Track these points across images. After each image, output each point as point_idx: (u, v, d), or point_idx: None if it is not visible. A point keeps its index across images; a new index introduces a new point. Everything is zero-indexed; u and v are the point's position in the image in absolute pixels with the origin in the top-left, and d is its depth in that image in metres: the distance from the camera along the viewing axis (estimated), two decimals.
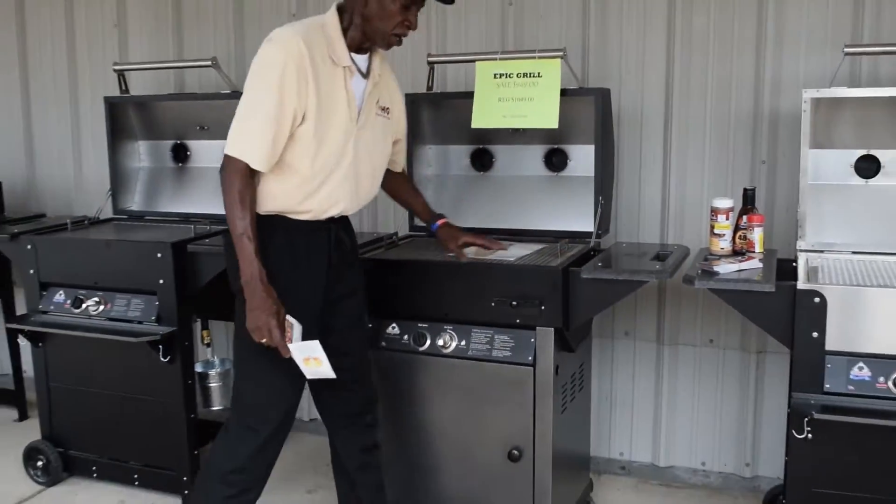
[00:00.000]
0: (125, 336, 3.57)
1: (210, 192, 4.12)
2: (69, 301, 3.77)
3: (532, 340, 2.99)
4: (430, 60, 3.64)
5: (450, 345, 3.10)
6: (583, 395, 3.50)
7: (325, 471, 4.01)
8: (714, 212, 3.10)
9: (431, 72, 3.63)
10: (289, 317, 2.56)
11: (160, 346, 3.55)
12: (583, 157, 3.56)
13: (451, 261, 3.15)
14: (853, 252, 3.10)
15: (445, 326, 3.12)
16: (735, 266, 2.87)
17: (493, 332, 3.05)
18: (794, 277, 2.77)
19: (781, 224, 3.59)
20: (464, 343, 3.09)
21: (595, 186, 3.39)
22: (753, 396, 3.77)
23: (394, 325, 3.19)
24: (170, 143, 4.40)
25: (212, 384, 4.01)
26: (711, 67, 3.63)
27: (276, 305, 2.51)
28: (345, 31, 2.65)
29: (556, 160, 3.66)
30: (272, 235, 2.61)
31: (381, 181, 2.95)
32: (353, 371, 2.91)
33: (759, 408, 3.76)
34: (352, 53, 2.67)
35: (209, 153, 4.28)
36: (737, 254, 3.06)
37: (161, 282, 3.56)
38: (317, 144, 2.59)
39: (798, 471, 2.76)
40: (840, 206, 3.17)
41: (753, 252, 3.04)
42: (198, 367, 3.88)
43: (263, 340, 2.53)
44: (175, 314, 3.58)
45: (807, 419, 2.64)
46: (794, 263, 2.99)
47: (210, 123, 4.18)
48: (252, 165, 2.52)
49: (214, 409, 4.02)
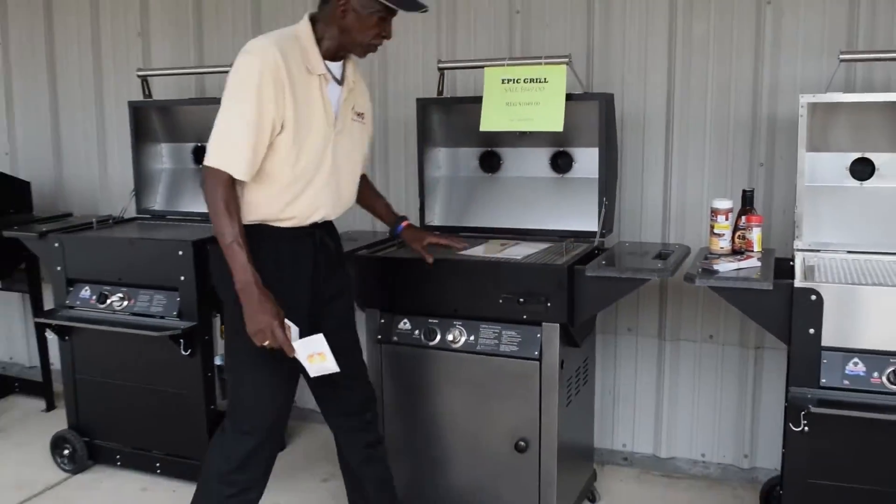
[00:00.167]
0: (148, 330, 3.58)
1: None
2: (95, 297, 3.78)
3: (538, 336, 2.99)
4: (441, 66, 3.63)
5: (459, 340, 3.10)
6: (587, 389, 3.49)
7: (336, 460, 4.02)
8: (714, 212, 3.09)
9: (442, 77, 3.62)
10: (286, 320, 2.50)
11: (181, 340, 3.57)
12: (587, 160, 3.55)
13: (461, 259, 3.15)
14: (848, 251, 3.08)
15: (455, 322, 3.12)
16: (734, 265, 2.86)
17: (501, 328, 3.05)
18: (792, 276, 2.77)
19: (779, 224, 3.57)
20: (472, 338, 3.08)
21: (599, 188, 3.38)
22: (752, 391, 3.75)
23: (405, 321, 3.19)
24: (191, 146, 4.40)
25: None
26: (711, 73, 3.62)
27: (276, 307, 2.47)
28: (318, 41, 2.60)
29: (562, 162, 3.66)
30: (257, 244, 2.55)
31: None
32: (348, 370, 2.85)
33: (758, 401, 3.75)
34: (326, 61, 2.62)
35: None
36: (736, 253, 3.04)
37: (182, 278, 3.57)
38: (296, 152, 2.54)
39: (795, 462, 2.74)
40: (836, 208, 3.16)
41: (752, 251, 3.03)
42: (217, 360, 3.88)
43: (266, 343, 2.47)
44: (195, 309, 3.59)
45: (803, 413, 2.63)
46: (792, 262, 2.99)
47: None
48: (234, 175, 2.46)
49: None
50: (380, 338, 3.21)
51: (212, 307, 3.70)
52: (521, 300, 2.96)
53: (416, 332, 3.16)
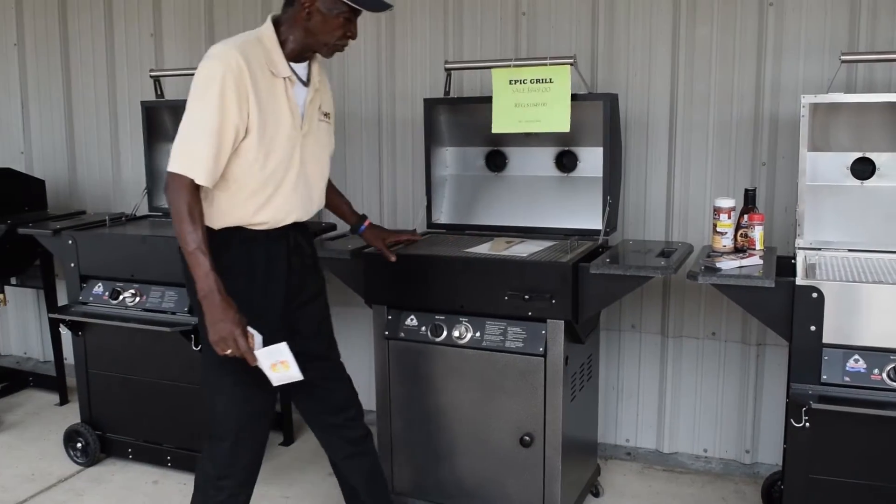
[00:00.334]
0: (159, 326, 3.59)
1: None
2: (107, 293, 3.79)
3: (543, 332, 2.99)
4: (448, 67, 3.63)
5: (465, 336, 3.10)
6: (591, 385, 3.49)
7: None
8: (716, 211, 3.08)
9: (448, 78, 3.62)
10: (249, 328, 2.43)
11: (192, 336, 3.56)
12: (592, 159, 3.54)
13: (468, 256, 3.15)
14: (849, 250, 3.07)
15: (461, 318, 3.11)
16: (736, 263, 2.85)
17: (507, 324, 3.05)
18: (793, 274, 2.76)
19: (781, 223, 3.57)
20: (478, 334, 3.08)
21: (603, 186, 3.38)
22: (753, 387, 3.75)
23: (412, 317, 3.19)
24: None
25: None
26: (714, 74, 3.61)
27: (238, 315, 2.40)
28: (282, 43, 2.56)
29: (567, 161, 3.65)
30: (229, 246, 2.53)
31: None
32: (326, 371, 2.86)
33: (759, 398, 3.75)
34: (291, 63, 2.57)
35: None
36: (738, 251, 3.04)
37: None
38: (263, 157, 2.50)
39: (796, 458, 2.74)
40: (837, 206, 3.15)
41: (754, 249, 3.02)
42: None
43: (228, 351, 2.41)
44: None
45: (805, 409, 2.63)
46: (793, 260, 2.98)
47: None
48: (196, 181, 2.40)
49: None
50: (387, 334, 3.22)
51: None
52: (527, 297, 2.95)
53: (423, 329, 3.16)
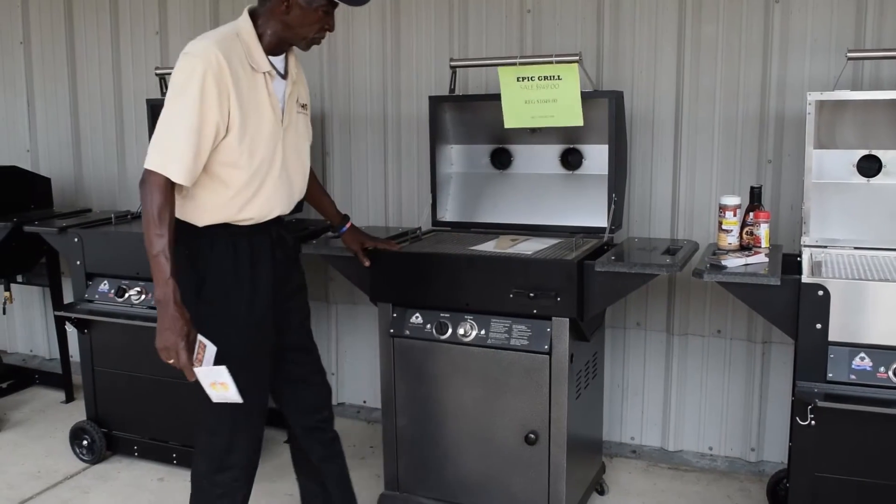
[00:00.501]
0: None
1: None
2: (113, 290, 3.80)
3: (548, 330, 2.98)
4: (453, 64, 3.62)
5: (470, 333, 3.10)
6: (596, 383, 3.48)
7: (352, 452, 4.04)
8: (722, 209, 3.07)
9: (454, 75, 3.62)
10: (201, 337, 2.40)
11: None
12: (597, 157, 3.54)
13: (473, 254, 3.15)
14: (855, 248, 3.07)
15: (466, 316, 3.11)
16: (742, 260, 2.85)
17: (512, 322, 3.04)
18: (799, 271, 2.75)
19: (786, 221, 3.56)
20: (483, 332, 3.08)
21: (609, 184, 3.37)
22: (759, 385, 3.74)
23: (417, 315, 3.19)
24: None
25: None
26: (720, 71, 3.60)
27: (187, 327, 2.34)
28: (260, 36, 2.51)
29: (572, 159, 3.65)
30: (214, 244, 2.53)
31: None
32: (311, 366, 2.86)
33: (765, 395, 3.74)
34: (269, 57, 2.54)
35: None
36: (744, 249, 3.03)
37: None
38: (248, 154, 2.47)
39: (801, 456, 2.74)
40: (843, 204, 3.14)
41: (760, 247, 3.01)
42: None
43: (171, 361, 2.36)
44: None
45: (810, 407, 2.62)
46: (799, 258, 2.97)
47: None
48: (173, 179, 2.36)
49: None
50: (392, 332, 3.21)
51: None
52: (532, 295, 2.95)
53: (428, 326, 3.16)
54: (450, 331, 3.13)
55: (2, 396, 4.78)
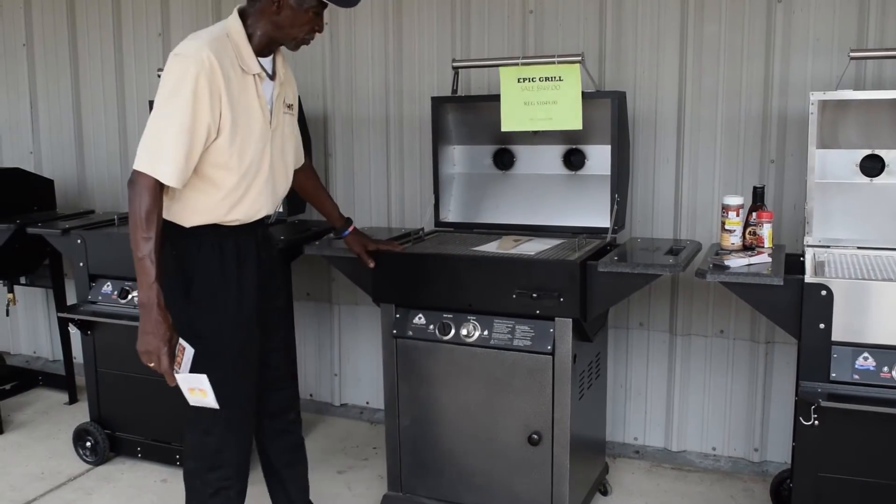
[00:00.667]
0: None
1: None
2: (116, 292, 3.80)
3: (551, 330, 2.98)
4: (455, 65, 3.62)
5: (473, 334, 3.10)
6: (599, 383, 3.48)
7: (355, 452, 4.04)
8: (725, 209, 3.07)
9: (456, 76, 3.62)
10: (181, 341, 2.41)
11: None
12: (600, 157, 3.54)
13: (476, 254, 3.15)
14: (858, 247, 3.06)
15: (469, 317, 3.11)
16: (745, 260, 2.84)
17: (515, 323, 3.04)
18: (802, 271, 2.75)
19: (789, 220, 3.56)
20: (486, 332, 3.08)
21: (611, 184, 3.37)
22: (762, 385, 3.74)
23: (420, 316, 3.19)
24: None
25: None
26: (722, 71, 3.60)
27: (170, 332, 2.36)
28: (249, 36, 2.50)
29: (575, 159, 3.65)
30: (201, 244, 2.53)
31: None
32: (286, 368, 2.86)
33: (768, 395, 3.74)
34: (258, 58, 2.54)
35: None
36: (747, 249, 3.03)
37: None
38: (238, 156, 2.47)
39: (805, 456, 2.73)
40: (846, 204, 3.14)
41: (763, 247, 3.01)
42: None
43: (151, 365, 2.38)
44: None
45: (814, 407, 2.62)
46: (802, 258, 2.97)
47: None
48: (163, 181, 2.35)
49: None
50: (395, 332, 3.21)
51: None
52: (535, 295, 2.95)
53: (431, 327, 3.16)
54: (453, 331, 3.13)
55: (5, 398, 4.78)
